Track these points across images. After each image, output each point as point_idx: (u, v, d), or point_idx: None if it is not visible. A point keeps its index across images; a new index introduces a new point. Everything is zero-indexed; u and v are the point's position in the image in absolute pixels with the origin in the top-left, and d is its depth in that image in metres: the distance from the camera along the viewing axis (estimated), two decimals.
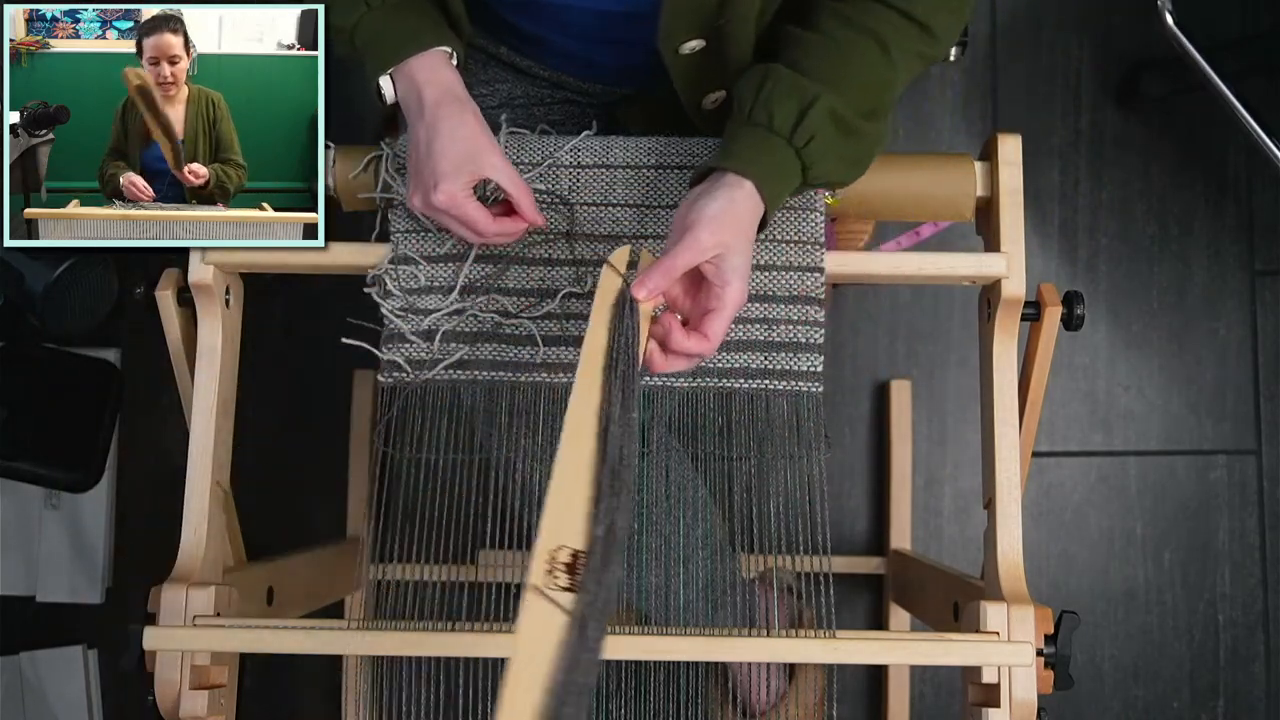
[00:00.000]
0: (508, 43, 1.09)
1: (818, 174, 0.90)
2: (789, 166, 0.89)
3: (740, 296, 0.86)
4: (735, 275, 0.85)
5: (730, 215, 0.86)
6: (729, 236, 0.85)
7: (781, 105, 0.88)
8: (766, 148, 0.89)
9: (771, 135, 0.89)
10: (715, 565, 1.05)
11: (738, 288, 0.85)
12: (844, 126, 0.89)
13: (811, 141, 0.88)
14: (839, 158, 0.90)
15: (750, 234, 0.87)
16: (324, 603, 1.22)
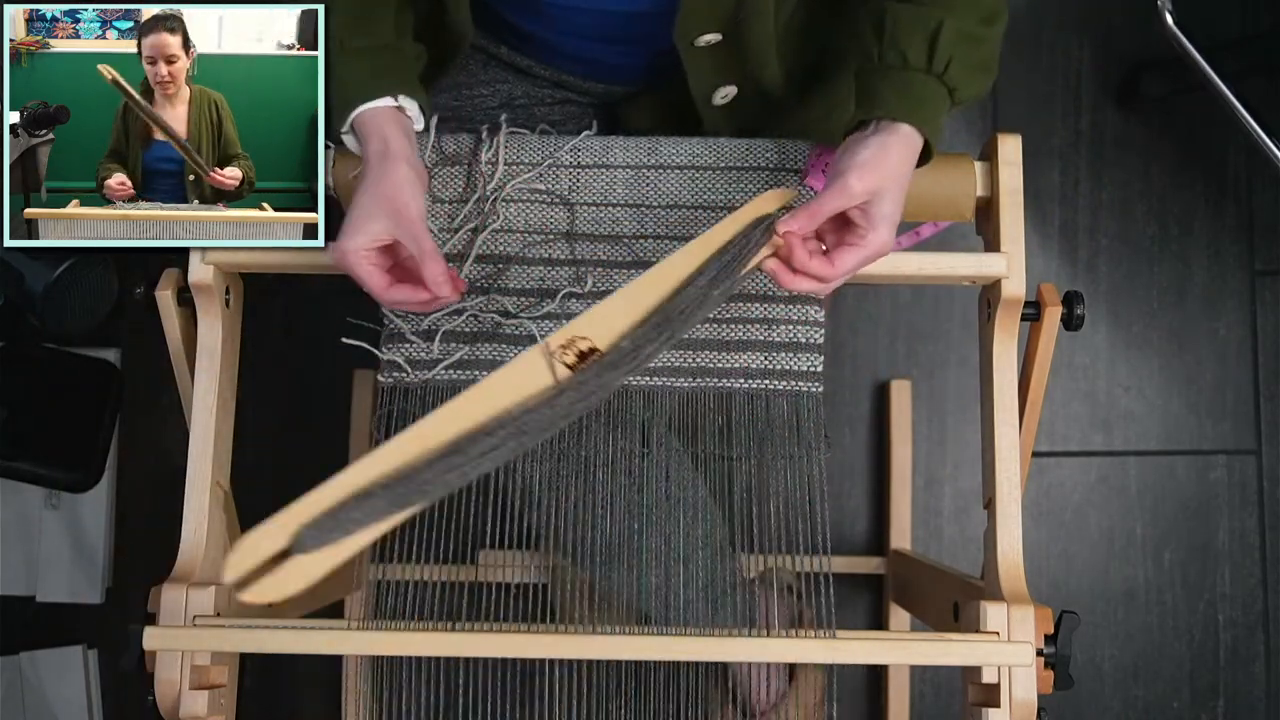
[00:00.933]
0: (508, 42, 1.09)
1: (964, 94, 0.91)
2: (936, 96, 0.90)
3: (884, 242, 0.88)
4: (883, 221, 0.87)
5: (882, 161, 0.87)
6: (879, 182, 0.87)
7: (910, 40, 0.89)
8: (910, 86, 0.89)
9: (910, 72, 0.89)
10: (715, 565, 1.05)
11: (883, 233, 0.87)
12: (972, 40, 0.90)
13: (950, 65, 0.89)
14: (975, 69, 0.91)
15: (903, 179, 0.88)
16: (324, 603, 1.22)
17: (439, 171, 1.01)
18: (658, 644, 0.87)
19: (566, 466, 0.98)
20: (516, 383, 0.79)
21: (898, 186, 0.88)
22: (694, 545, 1.01)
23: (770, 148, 1.01)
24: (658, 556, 1.00)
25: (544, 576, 1.03)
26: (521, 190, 1.00)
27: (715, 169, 1.00)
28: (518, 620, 0.91)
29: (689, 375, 0.98)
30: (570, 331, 0.81)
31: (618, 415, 0.98)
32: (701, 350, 0.98)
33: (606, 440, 0.98)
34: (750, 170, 1.00)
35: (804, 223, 0.87)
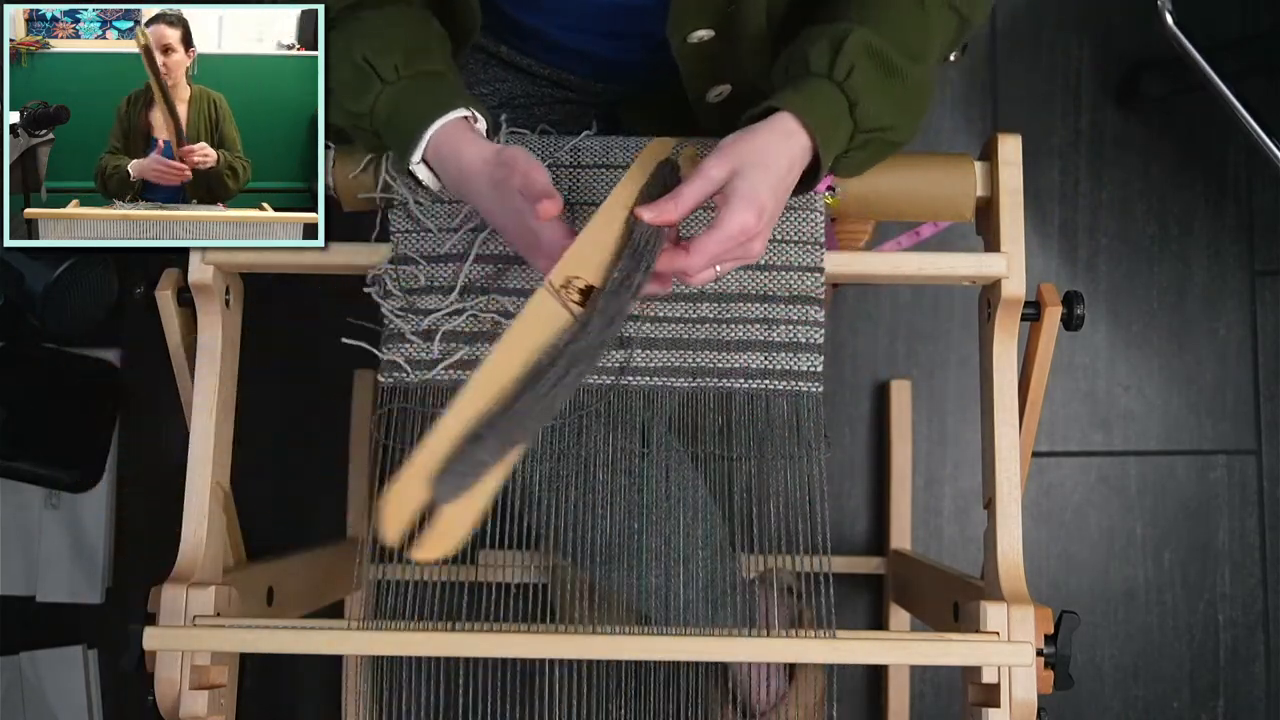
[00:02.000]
0: (508, 41, 1.09)
1: (866, 111, 0.86)
2: (830, 99, 0.86)
3: (742, 223, 0.81)
4: (738, 198, 0.82)
5: (745, 143, 0.84)
6: (736, 162, 0.83)
7: (814, 46, 0.87)
8: (803, 84, 0.86)
9: (809, 76, 0.87)
10: (715, 565, 1.05)
11: (739, 211, 0.81)
12: (883, 61, 0.86)
13: (851, 74, 0.85)
14: (884, 95, 0.87)
15: (770, 162, 0.83)
16: (324, 603, 1.22)
17: None
18: (658, 644, 0.87)
19: (566, 466, 0.98)
20: (538, 325, 0.83)
21: (763, 167, 0.83)
22: (694, 545, 1.01)
23: None
24: (658, 556, 1.00)
25: (544, 576, 1.03)
26: None
27: None
28: (518, 620, 0.91)
29: (689, 375, 0.98)
30: (563, 271, 0.83)
31: (618, 415, 0.98)
32: (701, 350, 0.98)
33: (606, 440, 0.98)
34: None
35: (667, 210, 0.82)
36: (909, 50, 0.88)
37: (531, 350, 0.82)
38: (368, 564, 0.96)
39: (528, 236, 0.87)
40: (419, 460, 0.78)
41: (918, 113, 0.90)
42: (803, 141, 0.85)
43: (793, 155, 0.85)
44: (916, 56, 0.88)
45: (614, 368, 0.98)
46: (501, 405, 0.80)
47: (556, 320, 0.83)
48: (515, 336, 0.82)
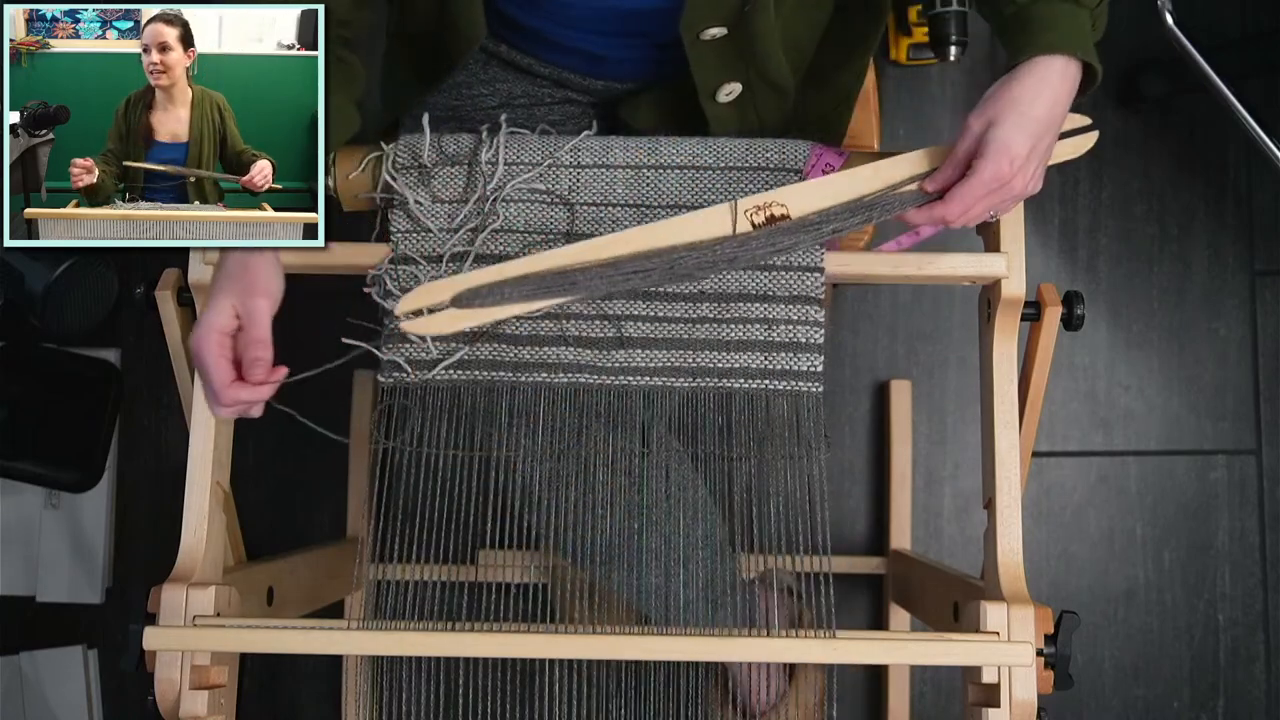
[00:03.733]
0: (509, 40, 1.09)
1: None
2: (1058, 13, 0.89)
3: (993, 169, 0.87)
4: (992, 146, 0.87)
5: (1000, 93, 0.88)
6: (994, 112, 0.87)
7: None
8: (1030, 20, 0.89)
9: (1022, 9, 0.89)
10: (715, 565, 1.05)
11: (993, 161, 0.87)
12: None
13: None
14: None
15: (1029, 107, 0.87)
16: (324, 603, 1.22)
17: (439, 171, 1.01)
18: (658, 644, 0.87)
19: (567, 466, 0.98)
20: (699, 226, 0.93)
21: (1015, 114, 0.87)
22: (694, 545, 1.01)
23: (770, 148, 1.01)
24: (657, 556, 1.00)
25: (544, 576, 1.03)
26: (521, 190, 1.00)
27: (715, 169, 1.00)
28: (518, 620, 0.91)
29: (689, 375, 0.98)
30: (770, 197, 0.93)
31: (618, 415, 0.98)
32: (701, 350, 0.98)
33: (606, 440, 0.98)
34: (750, 170, 1.00)
35: (948, 172, 0.90)
36: None
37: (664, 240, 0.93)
38: (368, 564, 0.96)
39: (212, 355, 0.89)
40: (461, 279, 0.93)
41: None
42: (1060, 72, 0.88)
43: (1053, 90, 0.88)
44: None
45: (614, 368, 0.98)
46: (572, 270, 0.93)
47: (713, 230, 0.93)
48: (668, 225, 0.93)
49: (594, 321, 0.98)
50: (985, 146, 0.87)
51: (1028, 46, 0.88)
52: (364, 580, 0.94)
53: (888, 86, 1.71)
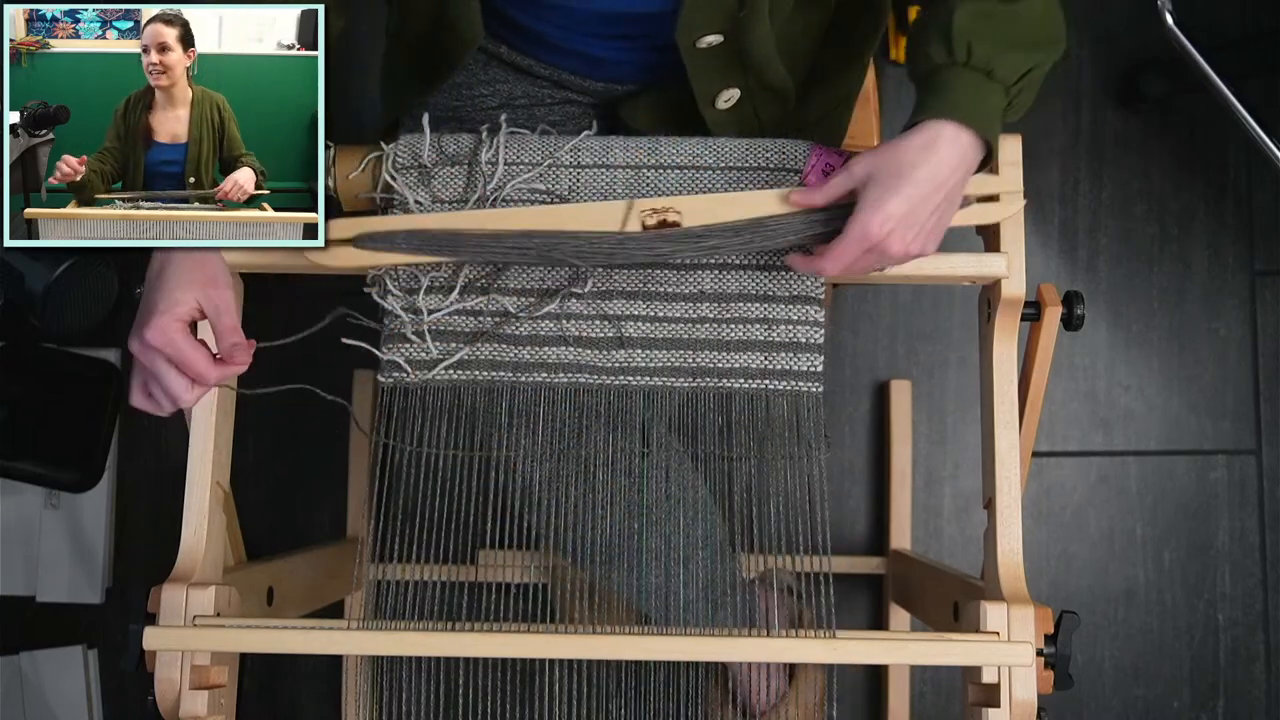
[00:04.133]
0: (509, 41, 1.09)
1: (1006, 68, 0.88)
2: (968, 83, 0.88)
3: (860, 227, 0.87)
4: (865, 206, 0.87)
5: (886, 152, 0.88)
6: (875, 169, 0.87)
7: (930, 41, 0.89)
8: (937, 82, 0.88)
9: (937, 70, 0.89)
10: (715, 565, 1.05)
11: (858, 217, 0.87)
12: (991, 17, 0.88)
13: (972, 49, 0.87)
14: (1015, 44, 0.88)
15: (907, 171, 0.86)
16: (324, 603, 1.22)
17: (439, 171, 1.01)
18: (658, 644, 0.87)
19: (566, 466, 0.98)
20: (591, 217, 0.95)
21: (895, 177, 0.86)
22: (694, 545, 1.01)
23: (770, 148, 1.01)
24: (658, 557, 1.00)
25: (544, 576, 1.03)
26: (521, 190, 1.00)
27: (715, 169, 1.00)
28: (518, 620, 0.91)
29: (689, 375, 0.98)
30: (670, 202, 0.94)
31: (618, 415, 0.98)
32: (701, 350, 0.98)
33: (606, 440, 0.98)
34: (750, 170, 1.00)
35: (812, 198, 0.91)
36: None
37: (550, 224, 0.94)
38: (368, 564, 0.96)
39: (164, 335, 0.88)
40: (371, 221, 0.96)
41: (1055, 29, 0.92)
42: (953, 141, 0.87)
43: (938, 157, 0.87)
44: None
45: (614, 368, 0.98)
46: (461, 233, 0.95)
47: (604, 224, 0.94)
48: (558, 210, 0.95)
49: (594, 321, 0.98)
50: (860, 203, 0.88)
51: (923, 109, 0.88)
52: (364, 580, 0.94)
53: (888, 86, 1.71)
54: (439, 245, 0.95)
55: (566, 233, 0.94)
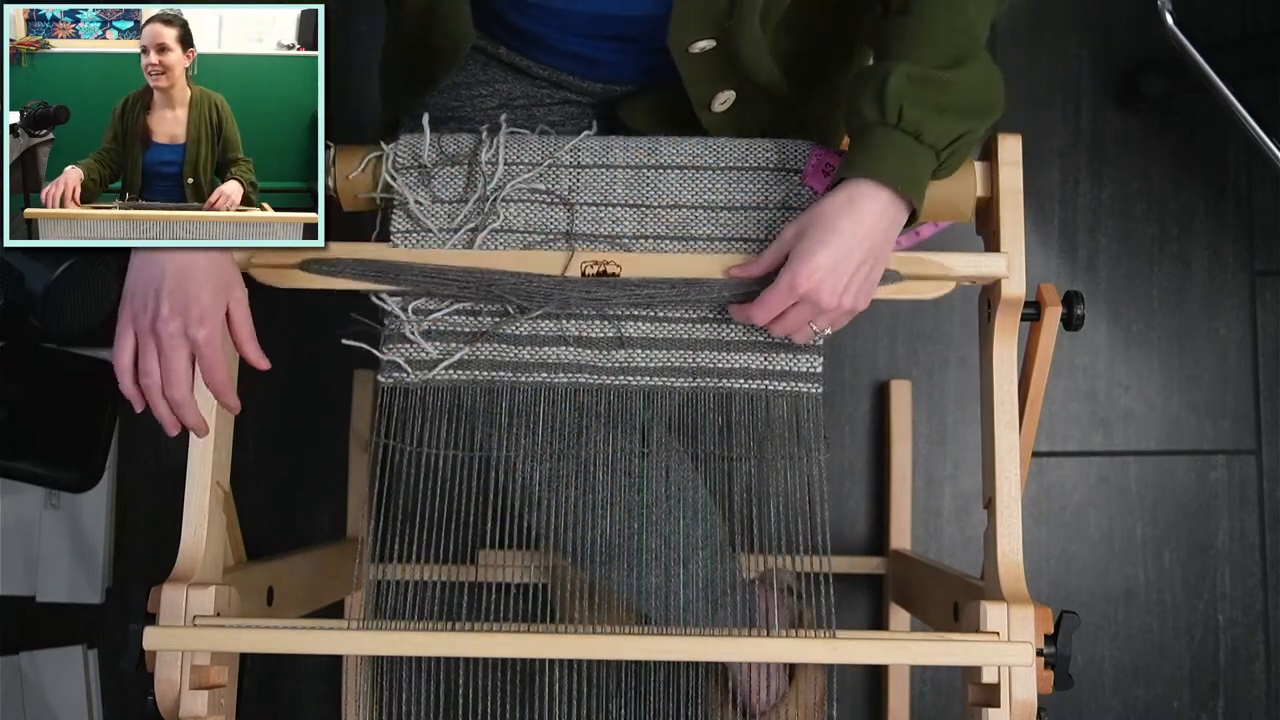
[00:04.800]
0: (507, 43, 1.09)
1: (935, 133, 0.90)
2: (897, 144, 0.90)
3: (787, 279, 0.91)
4: (793, 257, 0.91)
5: (813, 208, 0.92)
6: (804, 225, 0.91)
7: (863, 96, 0.90)
8: (868, 141, 0.90)
9: (868, 129, 0.90)
10: (715, 565, 1.05)
11: (790, 269, 0.91)
12: (927, 83, 0.89)
13: (903, 112, 0.89)
14: (945, 111, 0.90)
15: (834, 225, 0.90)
16: (324, 603, 1.22)
17: (439, 171, 1.01)
18: (658, 644, 0.87)
19: (566, 466, 0.98)
20: (533, 262, 0.98)
21: (823, 230, 0.90)
22: (694, 545, 1.01)
23: (770, 148, 1.01)
24: (657, 557, 1.00)
25: (544, 576, 1.03)
26: (521, 190, 1.00)
27: (715, 169, 1.00)
28: (518, 620, 0.91)
29: (689, 375, 0.98)
30: (610, 256, 0.97)
31: (617, 415, 0.98)
32: (701, 350, 0.98)
33: (606, 440, 0.98)
34: (750, 170, 1.00)
35: (749, 269, 0.95)
36: (955, 55, 0.91)
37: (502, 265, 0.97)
38: (368, 564, 0.96)
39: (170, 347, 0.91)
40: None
41: (992, 97, 0.93)
42: (877, 200, 0.90)
43: (860, 213, 0.90)
44: (963, 57, 0.91)
45: (614, 368, 0.98)
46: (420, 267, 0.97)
47: (544, 267, 0.97)
48: (507, 256, 0.98)
49: (594, 321, 0.98)
50: (790, 257, 0.92)
51: (851, 165, 0.91)
52: (364, 580, 0.94)
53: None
54: (381, 274, 0.97)
55: (506, 271, 0.97)
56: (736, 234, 0.99)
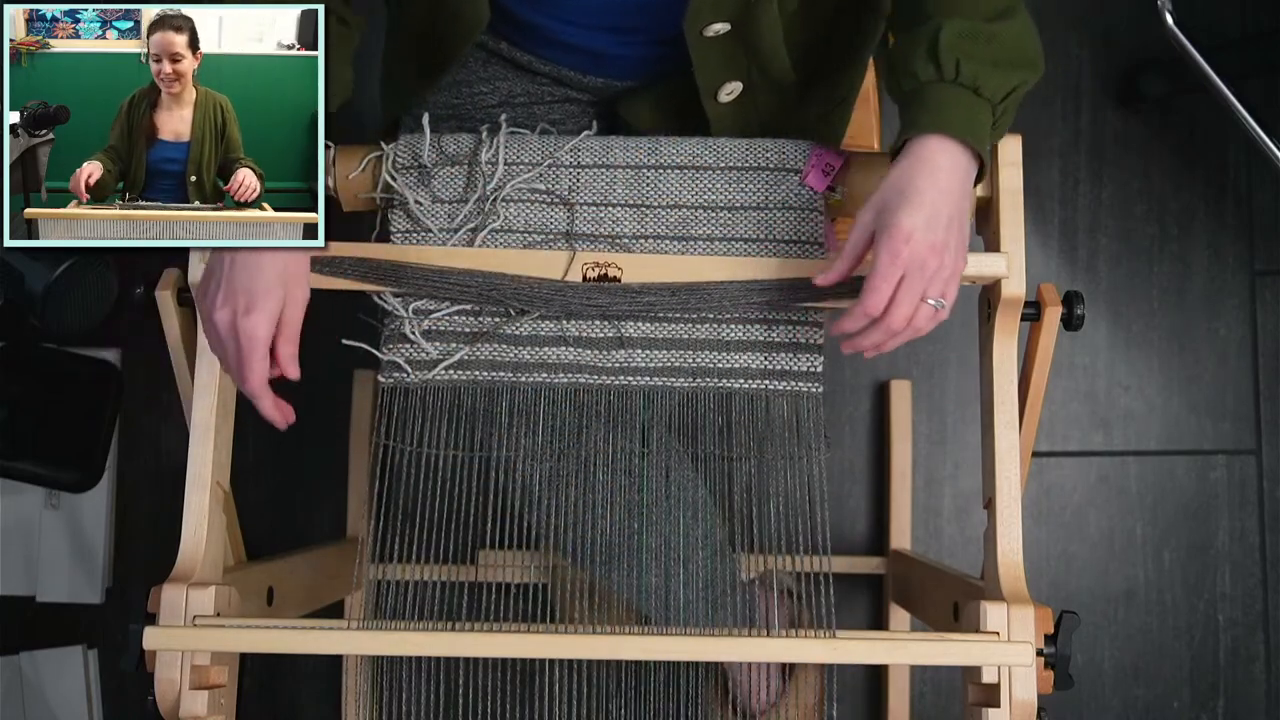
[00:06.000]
0: (508, 37, 1.09)
1: (992, 87, 0.89)
2: (958, 100, 0.89)
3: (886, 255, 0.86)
4: (883, 232, 0.87)
5: (884, 184, 0.89)
6: (881, 200, 0.88)
7: (915, 59, 0.89)
8: (927, 99, 0.89)
9: (924, 87, 0.90)
10: (715, 566, 1.05)
11: (886, 243, 0.86)
12: (977, 37, 0.89)
13: (960, 66, 0.88)
14: (998, 64, 0.89)
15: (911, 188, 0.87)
16: (324, 603, 1.22)
17: (439, 171, 1.01)
18: (657, 644, 0.87)
19: (566, 466, 0.98)
20: (535, 263, 0.97)
21: (902, 197, 0.87)
22: (693, 545, 1.01)
23: (770, 148, 1.01)
24: (657, 557, 1.00)
25: (544, 576, 1.03)
26: (521, 190, 1.00)
27: (715, 169, 1.00)
28: (518, 620, 0.91)
29: (689, 375, 0.98)
30: (611, 258, 0.97)
31: (618, 415, 0.98)
32: (701, 350, 0.98)
33: (606, 440, 0.98)
34: (750, 170, 1.00)
35: (839, 268, 0.91)
36: (998, 7, 0.91)
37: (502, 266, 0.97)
38: (368, 564, 0.96)
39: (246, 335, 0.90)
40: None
41: (1035, 50, 0.93)
42: (948, 153, 0.89)
43: (935, 169, 0.88)
44: (1006, 9, 0.91)
45: (614, 368, 0.98)
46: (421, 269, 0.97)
47: (547, 270, 0.97)
48: (508, 255, 0.97)
49: (594, 322, 0.99)
50: (877, 235, 0.88)
51: (914, 126, 0.90)
52: (364, 580, 0.94)
53: None
54: (383, 275, 0.97)
55: (508, 275, 0.96)
56: (736, 234, 0.99)
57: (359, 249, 0.98)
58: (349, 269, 0.97)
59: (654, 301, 0.96)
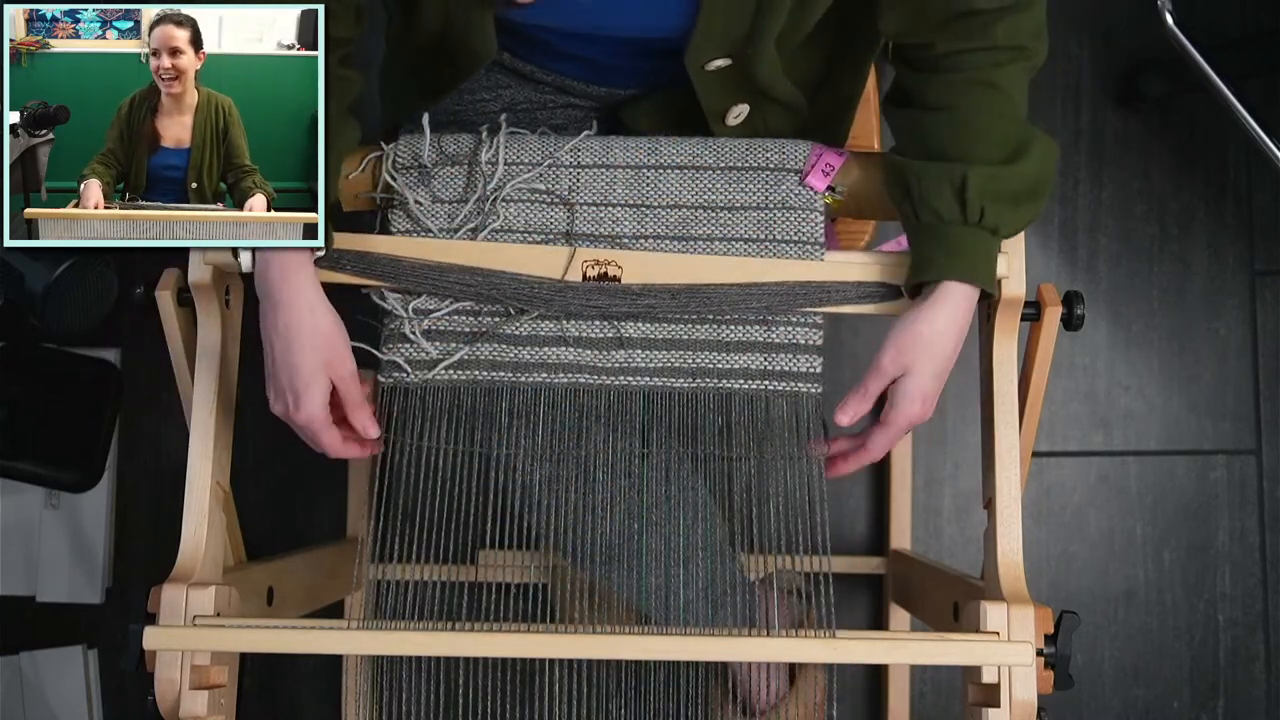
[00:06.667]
0: (511, 49, 1.09)
1: (1009, 228, 0.93)
2: (980, 243, 0.92)
3: (910, 416, 0.94)
4: (905, 399, 0.94)
5: (912, 332, 0.93)
6: (910, 359, 0.93)
7: (939, 198, 0.92)
8: (948, 240, 0.92)
9: (947, 226, 0.92)
10: (715, 566, 1.05)
11: (905, 411, 0.94)
12: (1000, 181, 0.91)
13: (985, 212, 0.91)
14: (1013, 203, 0.92)
15: (938, 347, 0.93)
16: (324, 603, 1.22)
17: (439, 171, 1.01)
18: (658, 644, 0.87)
19: (566, 467, 0.98)
20: (534, 260, 0.97)
21: (929, 358, 0.93)
22: (694, 546, 1.01)
23: (770, 148, 1.01)
24: (657, 557, 1.00)
25: (544, 576, 1.03)
26: (521, 190, 1.00)
27: (715, 169, 1.00)
28: (518, 620, 0.91)
29: (689, 376, 0.98)
30: (611, 256, 0.97)
31: (617, 416, 0.98)
32: (701, 350, 0.98)
33: (606, 441, 0.98)
34: (750, 170, 1.00)
35: (858, 408, 0.95)
36: (1015, 145, 0.93)
37: (500, 264, 0.97)
38: (368, 564, 0.96)
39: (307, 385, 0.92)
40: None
41: (1052, 170, 0.95)
42: (968, 297, 0.94)
43: (961, 320, 0.94)
44: (1023, 144, 0.93)
45: (614, 368, 0.98)
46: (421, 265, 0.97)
47: (547, 266, 0.97)
48: (505, 249, 0.97)
49: (593, 322, 0.98)
50: (899, 396, 0.94)
51: (933, 266, 0.93)
52: (364, 580, 0.94)
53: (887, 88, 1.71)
54: (383, 271, 0.97)
55: (508, 274, 0.96)
56: (736, 234, 0.99)
57: (359, 240, 0.98)
58: (348, 264, 0.97)
59: (654, 304, 0.96)
